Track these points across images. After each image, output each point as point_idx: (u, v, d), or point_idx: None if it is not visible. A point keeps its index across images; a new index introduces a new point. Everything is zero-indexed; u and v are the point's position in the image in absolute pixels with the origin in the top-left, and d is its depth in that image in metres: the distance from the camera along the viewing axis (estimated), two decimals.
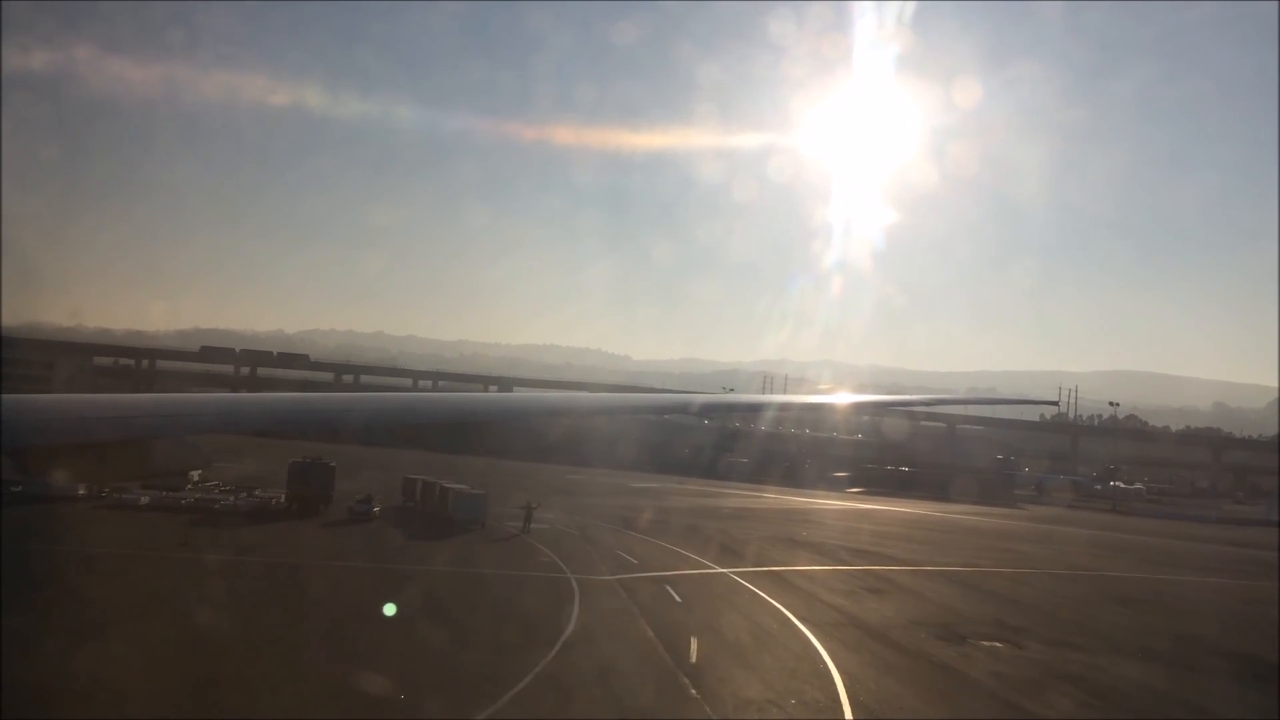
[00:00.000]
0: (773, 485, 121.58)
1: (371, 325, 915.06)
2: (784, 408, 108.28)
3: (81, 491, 60.30)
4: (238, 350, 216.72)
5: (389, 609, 36.23)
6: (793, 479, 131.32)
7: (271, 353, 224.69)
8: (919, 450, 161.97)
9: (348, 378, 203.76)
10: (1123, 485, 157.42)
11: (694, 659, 32.59)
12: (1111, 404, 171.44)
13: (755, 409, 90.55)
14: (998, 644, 38.77)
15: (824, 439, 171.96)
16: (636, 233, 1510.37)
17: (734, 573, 51.63)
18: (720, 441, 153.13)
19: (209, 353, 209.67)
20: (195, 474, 68.84)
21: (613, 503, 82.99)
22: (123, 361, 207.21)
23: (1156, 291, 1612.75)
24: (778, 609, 42.45)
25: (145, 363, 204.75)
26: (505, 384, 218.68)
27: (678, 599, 43.15)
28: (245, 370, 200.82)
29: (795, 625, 39.27)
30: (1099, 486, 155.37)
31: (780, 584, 49.09)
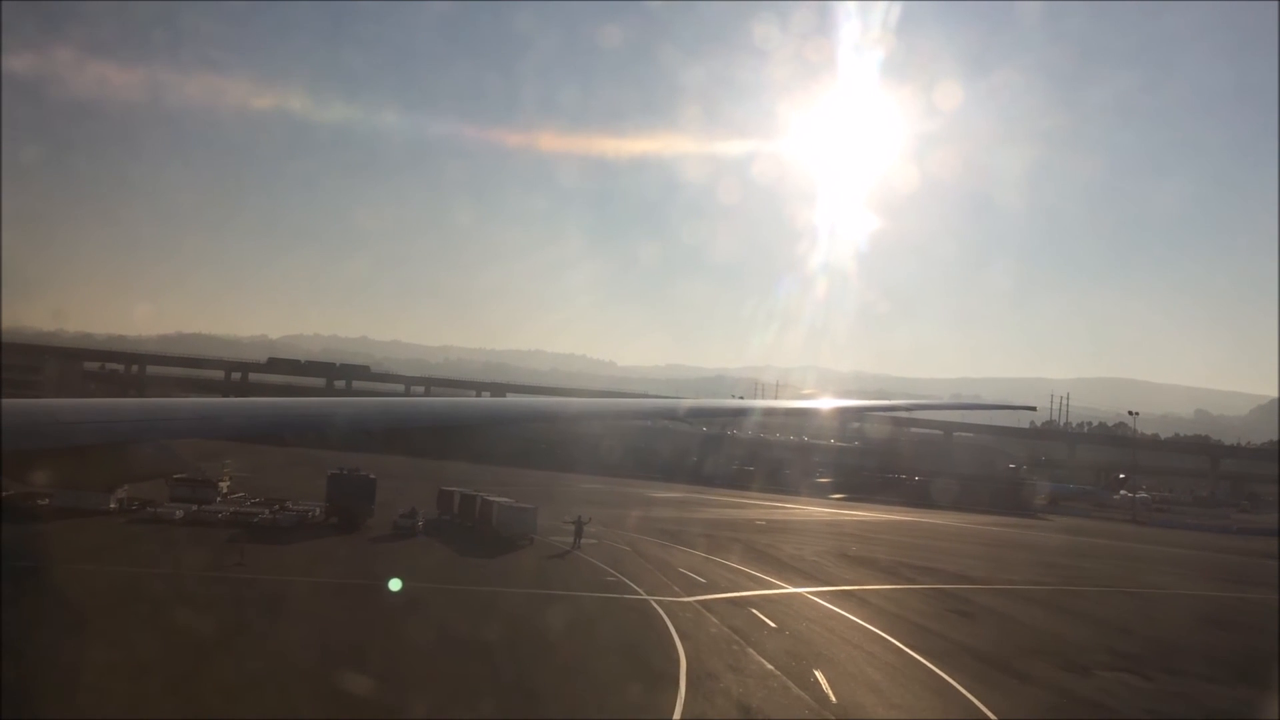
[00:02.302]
0: (782, 493, 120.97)
1: (355, 330, 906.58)
2: (770, 412, 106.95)
3: (113, 505, 57.73)
4: (303, 361, 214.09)
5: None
6: (801, 487, 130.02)
7: (334, 364, 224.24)
8: (920, 458, 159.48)
9: (340, 383, 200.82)
10: (1129, 494, 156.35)
11: (833, 697, 30.19)
12: (1131, 413, 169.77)
13: (741, 414, 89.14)
14: (1125, 674, 36.63)
15: (821, 446, 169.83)
16: (621, 238, 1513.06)
17: (810, 593, 49.40)
18: (715, 449, 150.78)
19: (276, 364, 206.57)
20: (223, 485, 66.47)
21: (643, 514, 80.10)
22: (110, 366, 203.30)
23: (1136, 298, 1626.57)
24: (879, 635, 40.20)
25: (134, 368, 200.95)
26: (498, 390, 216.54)
27: (772, 624, 40.70)
28: (236, 376, 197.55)
29: (909, 654, 36.93)
30: (1117, 496, 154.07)
31: (863, 605, 46.85)
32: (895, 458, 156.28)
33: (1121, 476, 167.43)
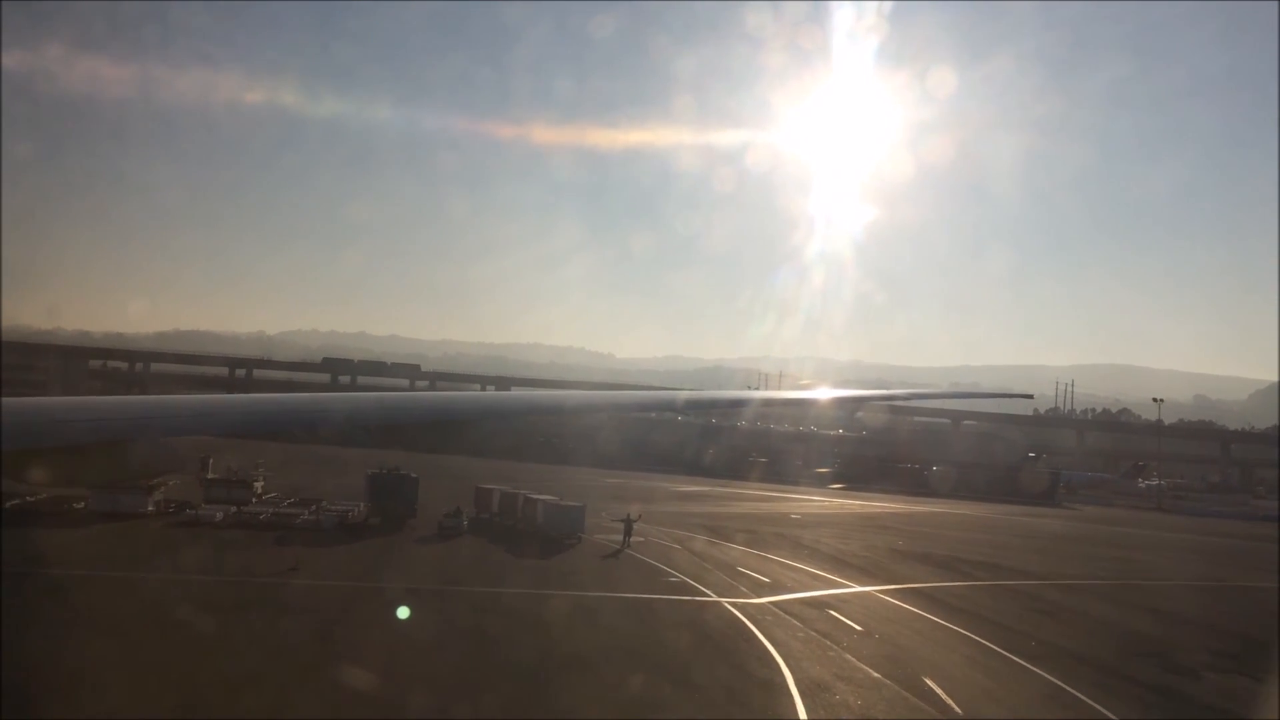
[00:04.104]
0: (802, 485, 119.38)
1: (353, 325, 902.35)
2: (772, 403, 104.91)
3: (150, 509, 56.10)
4: (355, 361, 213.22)
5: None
6: (818, 478, 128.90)
7: (385, 363, 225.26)
8: (932, 447, 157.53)
9: (344, 378, 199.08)
10: (1153, 482, 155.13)
11: (955, 707, 28.66)
12: (1156, 399, 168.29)
13: (743, 405, 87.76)
14: (1235, 676, 35.33)
15: (829, 436, 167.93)
16: (617, 230, 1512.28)
17: (879, 591, 47.99)
18: (724, 441, 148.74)
19: (331, 364, 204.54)
20: (258, 485, 64.74)
21: (673, 509, 78.07)
22: (112, 364, 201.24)
23: (1132, 284, 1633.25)
24: (969, 637, 38.73)
25: (138, 365, 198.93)
26: (503, 384, 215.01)
27: (858, 628, 39.11)
28: (241, 373, 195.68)
29: (1009, 658, 35.40)
30: (1143, 484, 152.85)
31: (937, 604, 45.35)
32: (907, 448, 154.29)
33: (1141, 464, 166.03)
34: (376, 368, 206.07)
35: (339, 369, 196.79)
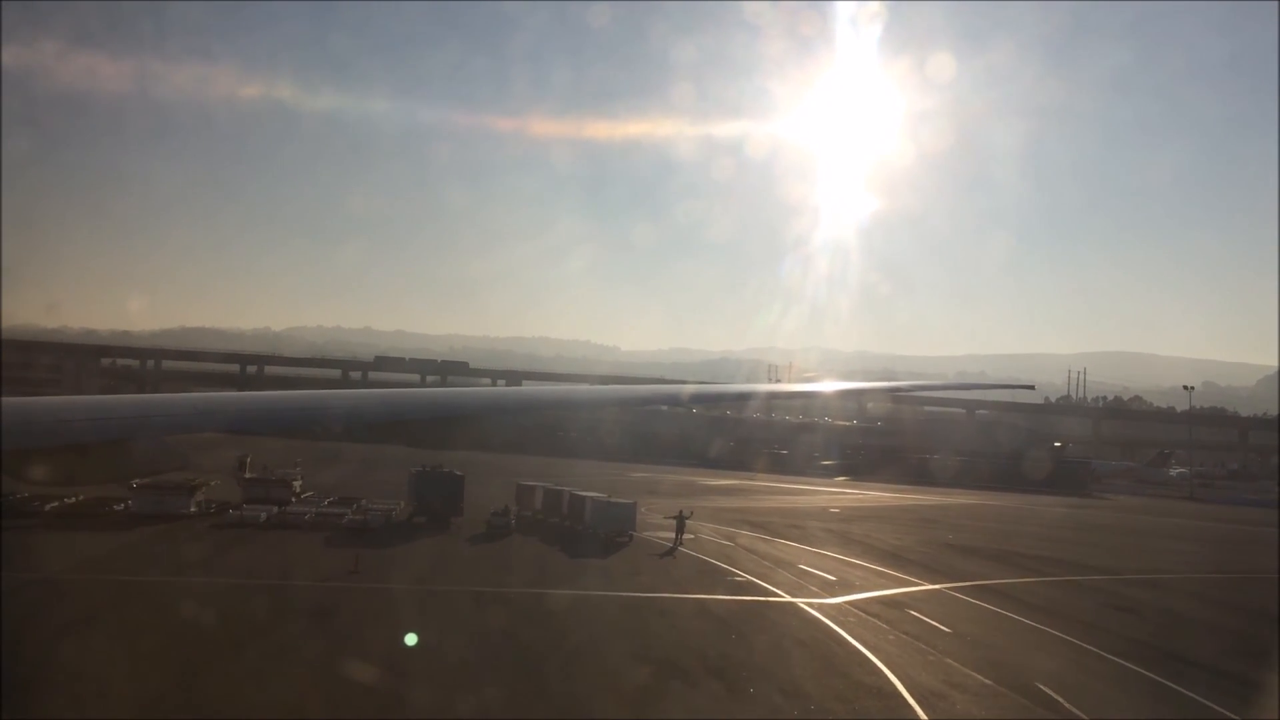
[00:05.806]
0: (827, 477, 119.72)
1: (359, 320, 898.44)
2: (791, 395, 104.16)
3: (193, 509, 54.82)
4: (406, 359, 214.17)
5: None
6: (840, 470, 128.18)
7: (436, 360, 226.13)
8: (952, 438, 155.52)
9: (355, 374, 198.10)
10: (1184, 471, 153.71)
11: (1080, 714, 27.14)
12: (1186, 387, 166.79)
13: (754, 398, 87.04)
14: None
15: (845, 427, 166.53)
16: (619, 222, 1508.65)
17: (949, 589, 46.59)
18: (742, 433, 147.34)
19: (383, 362, 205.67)
20: (297, 485, 63.31)
21: (710, 504, 76.43)
22: (122, 362, 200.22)
23: (1137, 271, 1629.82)
24: (1059, 636, 37.38)
25: (150, 363, 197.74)
26: (514, 378, 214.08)
27: (945, 629, 37.59)
28: (252, 369, 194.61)
29: (1114, 660, 33.84)
30: (1174, 473, 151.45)
31: (1014, 602, 43.90)
32: (925, 438, 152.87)
33: (1166, 452, 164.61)
34: (426, 365, 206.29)
35: (391, 366, 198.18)
